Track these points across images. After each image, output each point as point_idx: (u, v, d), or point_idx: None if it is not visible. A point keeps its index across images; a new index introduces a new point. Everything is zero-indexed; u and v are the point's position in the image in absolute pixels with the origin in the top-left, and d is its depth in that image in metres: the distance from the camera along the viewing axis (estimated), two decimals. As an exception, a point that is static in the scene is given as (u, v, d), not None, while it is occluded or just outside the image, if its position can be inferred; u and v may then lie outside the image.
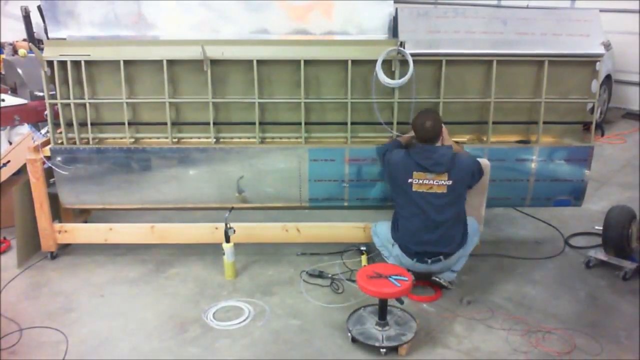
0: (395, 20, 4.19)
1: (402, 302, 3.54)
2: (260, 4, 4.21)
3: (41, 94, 4.85)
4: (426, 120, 3.85)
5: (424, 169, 3.82)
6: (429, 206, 3.85)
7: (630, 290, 4.11)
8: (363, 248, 4.55)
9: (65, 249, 4.63)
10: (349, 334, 3.49)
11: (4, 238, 4.73)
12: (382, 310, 3.51)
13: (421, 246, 3.90)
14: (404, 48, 4.03)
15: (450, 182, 3.82)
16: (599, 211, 5.08)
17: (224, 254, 4.19)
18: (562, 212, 5.16)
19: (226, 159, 4.31)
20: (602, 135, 7.17)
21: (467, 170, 3.91)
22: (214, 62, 4.11)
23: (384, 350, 3.37)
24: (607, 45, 4.58)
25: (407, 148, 4.05)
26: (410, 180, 3.85)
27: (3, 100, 5.50)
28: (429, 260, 3.91)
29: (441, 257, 3.90)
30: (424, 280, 4.07)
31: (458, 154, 3.93)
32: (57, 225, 4.44)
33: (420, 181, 3.84)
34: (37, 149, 4.24)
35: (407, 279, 3.45)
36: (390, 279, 3.44)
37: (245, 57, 4.10)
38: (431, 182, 3.82)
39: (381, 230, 4.18)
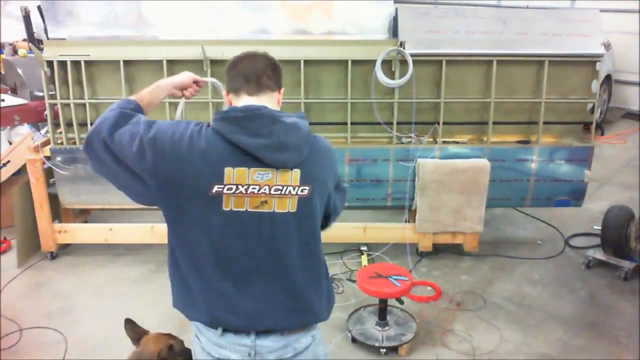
0: (395, 20, 4.19)
1: (402, 302, 3.54)
2: (260, 4, 4.21)
3: (41, 94, 4.84)
4: (249, 54, 1.89)
5: (253, 160, 1.72)
6: (259, 245, 1.78)
7: (630, 290, 4.11)
8: (363, 248, 4.55)
9: (65, 249, 4.62)
10: (349, 334, 3.49)
11: (4, 238, 4.72)
12: (382, 311, 3.51)
13: (237, 317, 1.82)
14: (404, 48, 4.03)
15: (305, 191, 1.78)
16: (599, 211, 5.07)
17: (224, 254, 4.18)
18: (562, 212, 5.16)
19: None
20: (602, 134, 7.18)
21: (329, 162, 1.93)
22: (214, 62, 4.11)
23: (384, 350, 3.37)
24: (607, 45, 4.58)
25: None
26: (216, 189, 1.71)
27: (3, 100, 5.49)
28: (253, 335, 1.83)
29: (277, 331, 1.84)
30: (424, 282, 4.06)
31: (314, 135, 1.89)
32: (57, 225, 4.44)
33: (240, 189, 1.72)
34: (37, 149, 4.24)
35: (407, 279, 3.45)
36: (390, 279, 3.44)
37: (245, 57, 4.10)
38: (264, 189, 1.74)
39: None
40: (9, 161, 4.83)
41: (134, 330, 2.44)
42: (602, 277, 4.29)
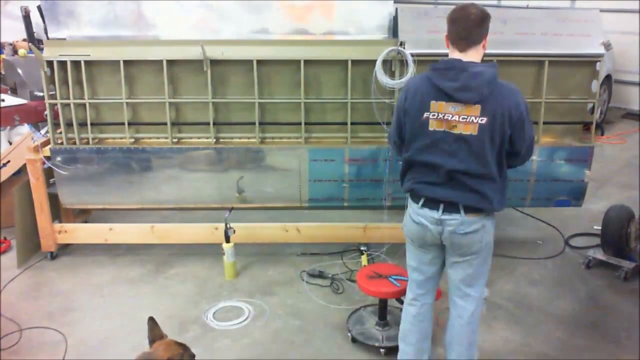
0: (395, 20, 4.19)
1: (402, 302, 3.53)
2: (260, 4, 4.21)
3: (41, 94, 4.84)
4: (460, 8, 2.57)
5: (446, 97, 2.53)
6: (449, 154, 2.59)
7: (630, 290, 4.11)
8: (363, 248, 4.55)
9: (65, 249, 4.63)
10: (349, 334, 3.50)
11: (4, 238, 4.73)
12: (382, 311, 3.52)
13: (428, 188, 2.68)
14: (404, 48, 4.03)
15: (483, 120, 2.51)
16: (599, 211, 5.06)
17: (224, 254, 4.19)
18: (562, 212, 5.16)
19: (226, 158, 4.31)
20: (602, 134, 7.18)
21: (514, 106, 2.54)
22: (214, 62, 4.11)
23: (384, 350, 3.37)
24: (607, 45, 4.58)
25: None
26: (426, 115, 2.57)
27: (3, 100, 5.50)
28: (441, 207, 2.65)
29: (460, 209, 2.64)
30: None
31: (501, 82, 2.59)
32: (57, 225, 4.44)
33: (440, 115, 2.54)
34: (37, 149, 4.24)
35: (406, 278, 3.44)
36: (390, 279, 3.44)
37: (245, 57, 4.10)
38: (455, 117, 2.53)
39: None
40: (9, 161, 4.83)
41: (153, 331, 2.47)
42: (602, 277, 4.29)
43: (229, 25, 4.25)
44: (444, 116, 2.55)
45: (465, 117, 2.52)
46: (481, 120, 2.51)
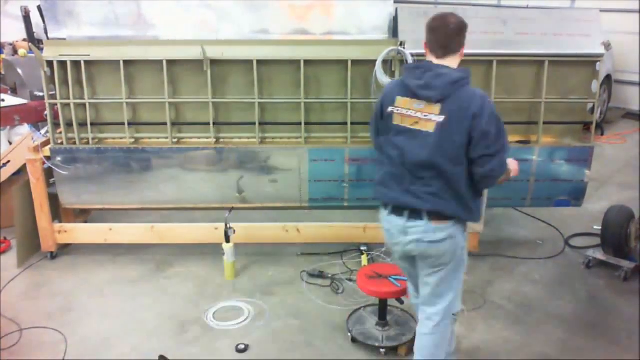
0: (395, 20, 4.19)
1: (402, 302, 3.54)
2: (260, 4, 4.21)
3: (41, 94, 4.84)
4: (439, 17, 2.67)
5: (411, 94, 2.63)
6: (410, 147, 2.63)
7: (630, 290, 4.11)
8: (363, 248, 4.55)
9: (65, 249, 4.62)
10: (349, 334, 3.49)
11: (4, 238, 4.73)
12: (382, 310, 3.52)
13: (394, 193, 2.73)
14: (404, 48, 4.03)
15: (441, 119, 2.55)
16: (599, 211, 5.07)
17: (224, 254, 4.19)
18: (562, 212, 5.16)
19: (226, 158, 4.31)
20: (602, 134, 7.18)
21: (470, 106, 2.54)
22: (214, 62, 4.11)
23: (384, 350, 3.37)
24: (607, 45, 4.58)
25: None
26: (390, 109, 2.69)
27: (3, 100, 5.50)
28: (406, 214, 2.69)
29: (423, 215, 2.65)
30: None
31: (469, 87, 2.63)
32: (57, 225, 4.44)
33: (404, 111, 2.65)
34: (37, 149, 4.24)
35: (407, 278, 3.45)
36: (390, 279, 3.44)
37: (245, 57, 4.10)
38: (417, 114, 2.61)
39: None
40: (9, 161, 4.83)
41: None
42: (602, 277, 4.29)
43: (229, 25, 4.25)
44: (407, 112, 2.64)
45: (427, 114, 2.58)
46: (439, 118, 2.55)
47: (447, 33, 2.62)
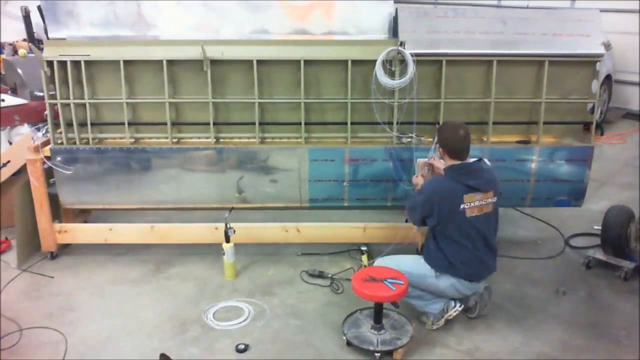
0: (395, 20, 4.19)
1: (397, 306, 3.50)
2: (260, 4, 4.21)
3: (41, 94, 4.84)
4: (458, 129, 3.53)
5: (474, 190, 3.45)
6: (486, 230, 3.54)
7: (630, 290, 4.11)
8: (364, 248, 4.55)
9: (65, 249, 4.62)
10: (344, 337, 3.45)
11: (6, 238, 4.72)
12: (378, 314, 3.46)
13: (484, 271, 3.64)
14: (404, 48, 4.03)
15: (495, 199, 3.54)
16: (599, 211, 5.07)
17: (224, 254, 4.19)
18: (562, 212, 5.16)
19: (226, 159, 4.31)
20: (602, 134, 7.18)
21: (498, 186, 3.62)
22: (214, 62, 4.11)
23: (379, 354, 3.32)
24: (607, 45, 4.58)
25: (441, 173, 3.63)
26: (462, 207, 3.43)
27: (3, 100, 5.50)
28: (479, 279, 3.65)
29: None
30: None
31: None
32: (57, 225, 4.44)
33: (472, 204, 3.46)
34: (37, 149, 4.24)
35: (402, 282, 3.38)
36: (385, 282, 3.36)
37: (245, 57, 4.10)
38: (481, 202, 3.48)
39: (414, 268, 3.59)
40: (9, 161, 4.83)
41: None
42: (602, 277, 4.29)
43: (229, 25, 4.25)
44: (474, 204, 3.53)
45: (486, 199, 3.58)
46: (493, 199, 3.62)
47: (465, 138, 3.55)
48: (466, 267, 3.52)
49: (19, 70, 5.89)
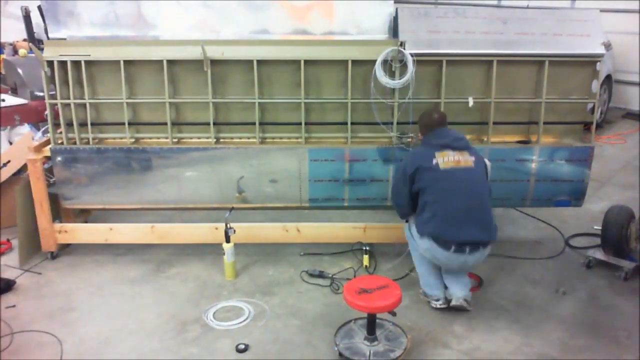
0: (395, 20, 4.19)
1: (394, 314, 3.39)
2: (260, 4, 4.21)
3: (41, 94, 4.85)
4: (432, 113, 3.89)
5: (446, 147, 3.67)
6: (463, 181, 3.62)
7: (630, 290, 4.11)
8: (365, 247, 4.55)
9: (65, 249, 4.63)
10: (336, 349, 3.34)
11: (7, 240, 4.71)
12: (371, 325, 3.35)
13: (458, 232, 3.57)
14: (404, 48, 4.03)
15: (473, 158, 3.68)
16: (599, 211, 5.07)
17: (224, 254, 4.19)
18: (562, 212, 5.17)
19: (226, 159, 4.31)
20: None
21: (481, 156, 3.78)
22: (214, 62, 4.11)
23: None
24: (607, 45, 4.58)
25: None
26: (434, 161, 3.64)
27: (3, 100, 5.50)
28: (467, 249, 3.58)
29: (480, 246, 3.63)
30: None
31: None
32: (57, 225, 4.44)
33: (446, 159, 3.64)
34: (37, 149, 4.24)
35: (397, 291, 3.28)
36: (376, 292, 3.26)
37: (245, 57, 4.10)
38: (457, 157, 3.65)
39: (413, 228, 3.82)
40: (9, 161, 4.84)
41: None
42: (602, 277, 4.29)
43: (229, 25, 4.25)
44: (448, 158, 3.71)
45: (462, 157, 3.76)
46: (471, 158, 3.77)
47: (439, 118, 3.87)
48: (435, 224, 3.59)
49: (19, 70, 5.89)
